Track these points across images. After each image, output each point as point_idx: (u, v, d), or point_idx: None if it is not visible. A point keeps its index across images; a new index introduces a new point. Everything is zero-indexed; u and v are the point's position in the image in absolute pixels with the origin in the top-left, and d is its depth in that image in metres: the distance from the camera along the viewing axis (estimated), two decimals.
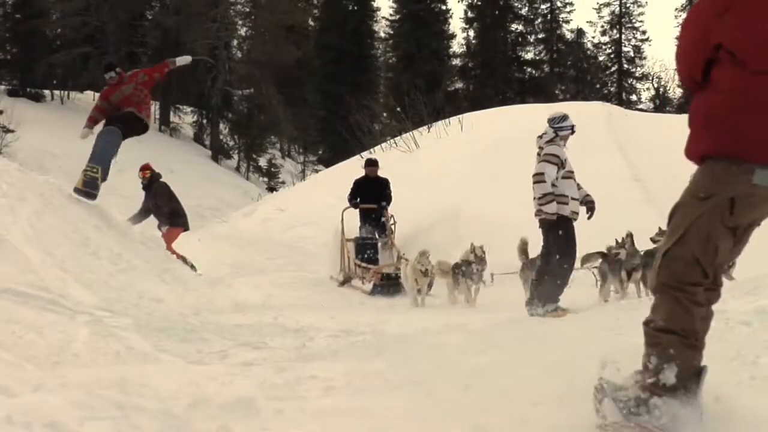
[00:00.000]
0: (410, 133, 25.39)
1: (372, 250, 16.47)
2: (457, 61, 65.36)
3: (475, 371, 6.49)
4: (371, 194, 16.94)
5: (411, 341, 8.49)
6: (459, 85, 64.41)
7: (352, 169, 24.09)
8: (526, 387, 5.80)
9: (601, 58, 68.12)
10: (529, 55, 66.31)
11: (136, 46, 52.42)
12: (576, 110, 26.79)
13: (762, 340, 6.86)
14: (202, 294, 13.48)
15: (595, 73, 67.74)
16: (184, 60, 14.25)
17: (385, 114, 34.87)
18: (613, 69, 67.85)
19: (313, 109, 57.78)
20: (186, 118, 56.36)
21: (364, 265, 15.99)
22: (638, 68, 67.58)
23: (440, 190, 19.67)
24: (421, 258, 13.26)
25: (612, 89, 67.21)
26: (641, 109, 55.74)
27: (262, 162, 56.62)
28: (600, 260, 12.55)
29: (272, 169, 55.84)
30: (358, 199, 16.97)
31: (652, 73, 67.72)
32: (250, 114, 56.32)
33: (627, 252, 12.11)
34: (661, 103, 66.03)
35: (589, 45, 68.18)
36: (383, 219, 16.81)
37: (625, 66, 67.37)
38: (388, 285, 15.14)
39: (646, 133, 22.98)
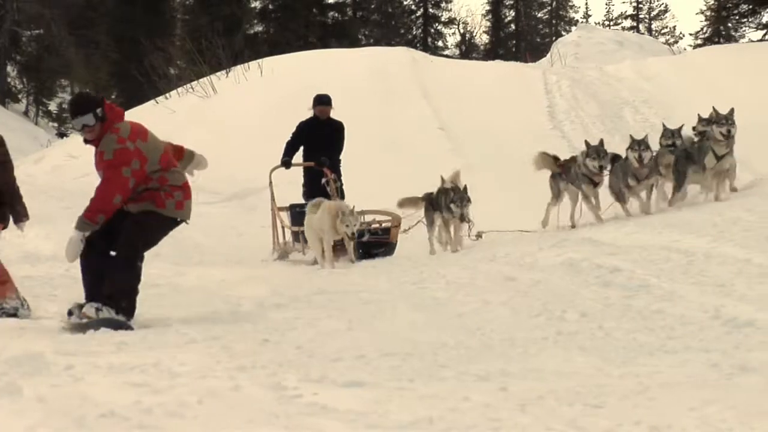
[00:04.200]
0: (208, 77, 24.77)
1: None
2: (257, 4, 64.33)
3: (274, 326, 6.39)
4: (320, 143, 12.76)
5: (209, 295, 8.30)
6: (259, 28, 63.42)
7: (147, 113, 23.37)
8: (327, 343, 5.74)
9: (406, 2, 67.86)
10: None
11: None
12: (380, 56, 26.92)
13: (568, 294, 6.96)
14: None
15: (399, 18, 67.74)
16: None
17: (181, 58, 33.87)
18: (419, 13, 67.82)
19: (106, 52, 56.02)
20: None
21: None
22: (444, 12, 67.63)
23: (239, 137, 19.31)
24: (346, 218, 10.34)
25: (417, 34, 67.46)
26: (447, 56, 56.31)
27: (53, 106, 54.67)
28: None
29: (63, 114, 53.99)
30: (299, 151, 13.08)
31: (458, 19, 68.28)
32: (39, 56, 54.21)
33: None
34: (467, 50, 66.96)
35: None
36: (323, 180, 12.45)
37: (431, 10, 67.28)
38: (370, 246, 11.65)
39: (452, 81, 23.04)
